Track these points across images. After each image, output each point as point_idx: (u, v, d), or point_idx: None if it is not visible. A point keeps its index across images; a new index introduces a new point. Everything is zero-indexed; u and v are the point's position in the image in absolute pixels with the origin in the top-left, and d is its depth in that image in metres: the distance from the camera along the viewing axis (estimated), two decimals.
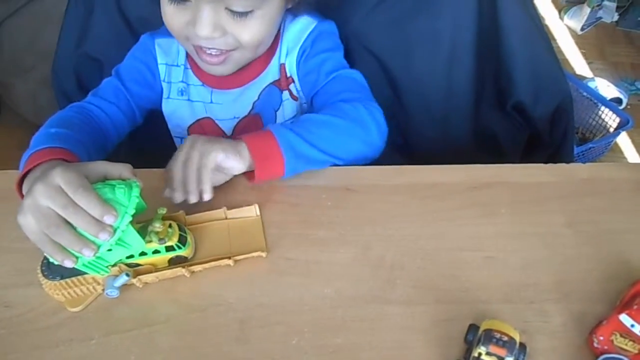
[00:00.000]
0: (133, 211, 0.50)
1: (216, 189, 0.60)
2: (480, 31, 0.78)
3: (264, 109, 0.76)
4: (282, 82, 0.76)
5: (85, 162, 0.55)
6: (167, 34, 0.72)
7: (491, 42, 0.77)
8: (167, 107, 0.78)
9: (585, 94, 1.93)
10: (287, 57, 0.75)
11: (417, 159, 0.69)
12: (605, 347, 0.47)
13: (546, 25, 2.48)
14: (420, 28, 0.78)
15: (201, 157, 0.58)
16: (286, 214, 0.61)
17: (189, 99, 0.77)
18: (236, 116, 0.78)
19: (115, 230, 0.49)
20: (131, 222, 0.50)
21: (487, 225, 0.60)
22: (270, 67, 0.75)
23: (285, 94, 0.76)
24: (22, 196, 0.56)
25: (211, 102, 0.77)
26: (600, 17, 2.48)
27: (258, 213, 0.61)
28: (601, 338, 0.48)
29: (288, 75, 0.75)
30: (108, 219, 0.48)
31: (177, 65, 0.76)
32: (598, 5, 2.43)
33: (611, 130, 1.85)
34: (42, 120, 1.97)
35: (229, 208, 0.60)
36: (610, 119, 1.85)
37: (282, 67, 0.75)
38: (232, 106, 0.77)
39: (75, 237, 0.48)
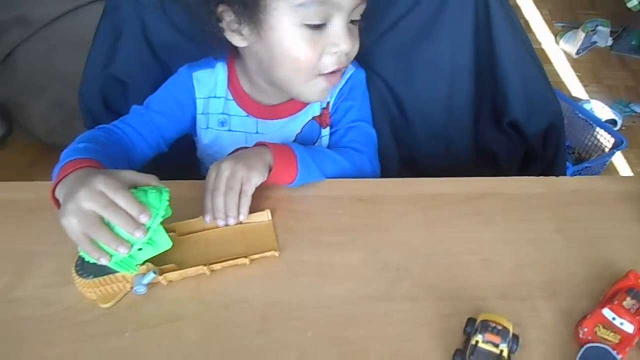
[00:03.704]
0: (164, 212, 0.56)
1: None
2: (477, 56, 0.84)
3: (304, 141, 0.81)
4: (323, 119, 0.82)
5: (116, 170, 0.61)
6: (205, 66, 0.78)
7: (487, 65, 0.84)
8: (206, 137, 0.83)
9: (581, 115, 1.98)
10: (331, 98, 0.81)
11: (422, 172, 0.75)
12: (590, 337, 0.52)
13: (542, 49, 2.55)
14: (422, 53, 0.85)
15: (243, 185, 0.64)
16: (299, 221, 0.67)
17: (229, 130, 0.82)
18: None
19: (148, 230, 0.55)
20: (161, 223, 0.56)
21: (483, 231, 0.65)
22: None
23: (326, 130, 0.82)
24: (56, 202, 0.62)
25: (257, 132, 0.81)
26: (595, 42, 2.55)
27: (270, 218, 0.66)
28: (586, 329, 0.53)
29: (331, 112, 0.82)
30: (143, 218, 0.54)
31: (217, 97, 0.81)
32: (592, 30, 2.50)
33: (606, 150, 1.90)
34: (54, 140, 2.03)
35: None
36: (605, 140, 1.90)
37: (327, 105, 0.82)
38: (277, 136, 0.81)
39: (113, 236, 0.54)
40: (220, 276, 0.61)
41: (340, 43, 0.68)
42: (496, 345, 0.49)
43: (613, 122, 2.08)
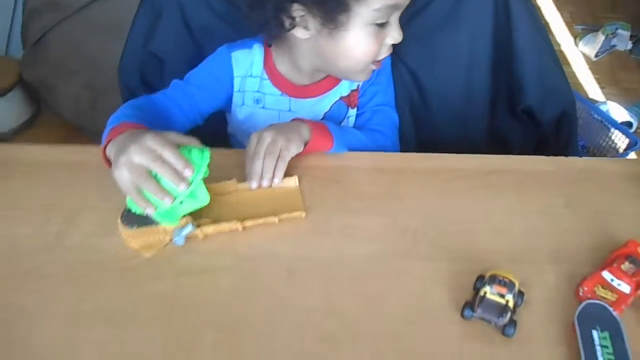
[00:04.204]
0: (205, 169, 0.61)
1: None
2: (495, 44, 0.89)
3: (331, 120, 0.87)
4: (351, 100, 0.87)
5: (163, 131, 0.66)
6: (243, 46, 0.84)
7: (505, 53, 0.88)
8: (241, 114, 0.88)
9: (596, 116, 2.01)
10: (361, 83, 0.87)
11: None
12: (589, 296, 0.57)
13: (562, 51, 2.57)
14: (444, 41, 0.89)
15: (281, 151, 0.70)
16: (325, 188, 0.73)
17: (264, 107, 0.87)
18: None
19: (190, 184, 0.60)
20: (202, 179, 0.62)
21: (495, 203, 0.70)
22: (341, 83, 0.86)
23: (353, 111, 0.88)
24: (107, 161, 0.67)
25: (289, 110, 0.87)
26: (615, 45, 2.56)
27: (297, 183, 0.72)
28: (586, 289, 0.58)
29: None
30: (187, 172, 0.60)
31: (253, 76, 0.86)
32: (612, 34, 2.51)
33: (620, 151, 1.93)
34: (81, 121, 2.09)
35: None
36: (620, 140, 1.93)
37: (352, 90, 0.87)
38: (307, 114, 0.85)
39: (159, 187, 0.60)
40: (251, 232, 0.67)
41: (396, 36, 0.76)
42: (502, 296, 0.55)
43: (629, 124, 2.10)
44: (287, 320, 0.58)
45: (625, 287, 0.57)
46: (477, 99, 0.93)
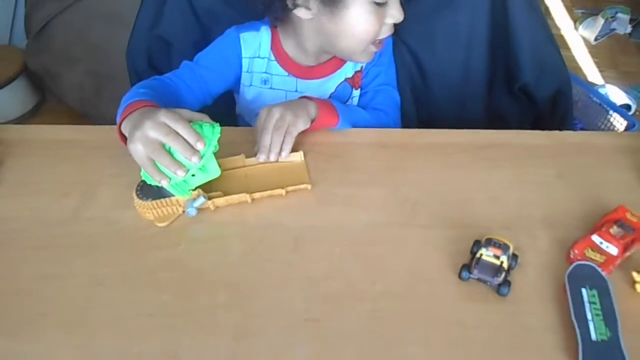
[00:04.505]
0: (215, 143, 0.65)
1: None
2: (493, 24, 0.91)
3: (336, 100, 0.89)
4: (355, 81, 0.90)
5: (175, 108, 0.69)
6: (250, 28, 0.86)
7: (502, 33, 0.91)
8: (249, 94, 0.91)
9: (595, 99, 2.03)
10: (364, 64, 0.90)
11: None
12: (579, 258, 0.61)
13: (562, 35, 2.59)
14: (443, 21, 0.92)
15: (289, 127, 0.73)
16: (329, 162, 0.76)
17: (271, 87, 0.90)
18: None
19: (202, 157, 0.64)
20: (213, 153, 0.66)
21: (491, 174, 0.74)
22: (346, 65, 0.89)
23: (357, 91, 0.91)
24: (122, 137, 0.71)
25: (296, 90, 0.90)
26: (614, 29, 2.57)
27: (302, 158, 0.75)
28: (576, 251, 0.61)
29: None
30: (199, 146, 0.63)
31: (261, 57, 0.88)
32: (612, 17, 2.53)
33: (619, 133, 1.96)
34: (86, 108, 2.12)
35: None
36: (618, 123, 1.95)
37: (356, 71, 0.90)
38: (313, 94, 0.86)
39: (172, 160, 0.63)
40: (259, 204, 0.70)
41: (397, 15, 0.78)
42: (497, 257, 0.58)
43: (627, 107, 2.12)
44: (293, 283, 0.62)
45: (613, 249, 0.60)
46: (476, 78, 0.96)
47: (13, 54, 2.04)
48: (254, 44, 0.88)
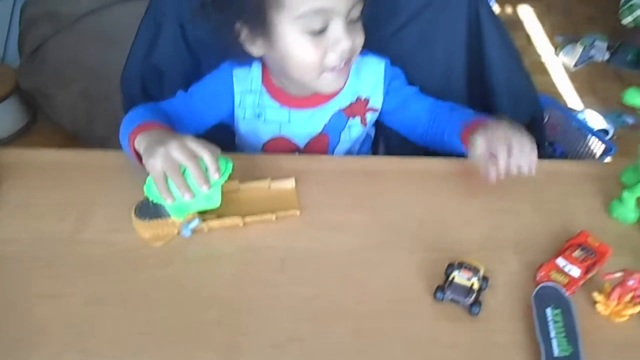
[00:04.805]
0: (226, 177, 0.69)
1: (263, 168, 0.82)
2: (469, 59, 0.97)
3: (330, 130, 0.93)
4: (354, 110, 0.92)
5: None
6: (243, 64, 0.89)
7: (478, 65, 0.97)
8: (243, 127, 0.94)
9: (575, 124, 2.10)
10: (372, 93, 0.92)
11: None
12: (545, 279, 0.66)
13: (542, 62, 2.68)
14: (421, 58, 0.97)
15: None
16: (317, 189, 0.80)
17: (265, 120, 0.92)
18: (309, 134, 0.93)
19: (212, 186, 0.68)
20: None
21: (466, 200, 0.79)
22: (341, 94, 0.90)
23: (356, 120, 0.93)
24: (136, 153, 0.74)
25: (289, 121, 0.92)
26: (593, 56, 2.66)
27: (294, 185, 0.80)
28: (542, 273, 0.66)
29: (369, 106, 0.93)
30: (216, 176, 0.67)
31: (253, 92, 0.91)
32: (590, 45, 2.62)
33: (597, 156, 2.02)
34: (78, 128, 2.14)
35: (273, 180, 0.80)
36: (597, 147, 2.02)
37: (359, 99, 0.92)
38: (307, 125, 0.92)
39: (184, 182, 0.67)
40: (250, 227, 0.74)
41: (340, 42, 0.76)
42: (468, 279, 0.63)
43: (605, 131, 2.19)
44: (280, 302, 0.66)
45: (575, 272, 0.65)
46: None
47: (5, 73, 2.07)
48: (246, 79, 0.91)
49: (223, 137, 0.96)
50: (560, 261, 0.66)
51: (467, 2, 0.94)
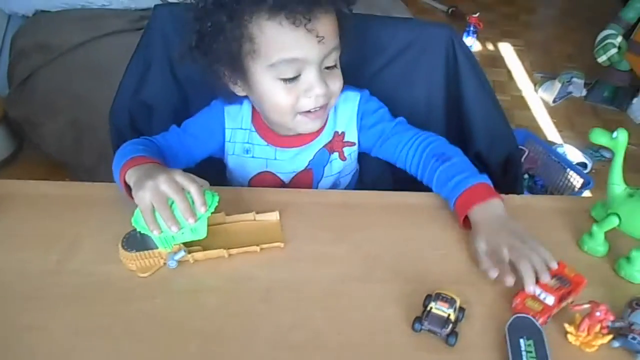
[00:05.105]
0: (213, 210, 0.72)
1: (249, 201, 0.84)
2: (447, 98, 1.02)
3: (315, 165, 0.97)
4: (333, 146, 0.96)
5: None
6: (235, 102, 0.92)
7: (455, 106, 1.01)
8: (231, 162, 0.98)
9: (554, 158, 2.16)
10: (347, 127, 0.95)
11: (405, 188, 0.91)
12: (520, 307, 0.68)
13: (522, 97, 2.76)
14: (402, 96, 1.02)
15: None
16: (300, 221, 0.83)
17: (253, 156, 0.96)
18: (294, 170, 0.97)
19: (198, 219, 0.70)
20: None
21: (444, 234, 0.82)
22: (323, 132, 0.94)
23: (335, 155, 0.97)
24: (126, 186, 0.77)
25: (275, 158, 0.95)
26: (570, 92, 2.75)
27: (278, 218, 0.82)
28: (518, 301, 0.69)
29: (345, 140, 0.96)
30: (202, 209, 0.70)
31: (242, 129, 0.95)
32: (568, 81, 2.71)
33: (576, 189, 2.08)
34: (65, 157, 2.16)
35: (258, 213, 0.82)
36: (575, 180, 2.07)
37: (336, 134, 0.95)
38: (292, 162, 0.95)
39: (171, 215, 0.70)
40: (235, 259, 0.76)
41: (313, 89, 0.80)
42: (445, 311, 0.65)
43: (584, 165, 2.26)
44: (262, 332, 0.67)
45: (549, 299, 0.68)
46: None
47: None
48: (237, 117, 0.95)
49: (214, 170, 1.00)
50: (536, 289, 0.69)
51: (445, 44, 0.99)
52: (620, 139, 0.74)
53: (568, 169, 2.10)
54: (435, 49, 1.00)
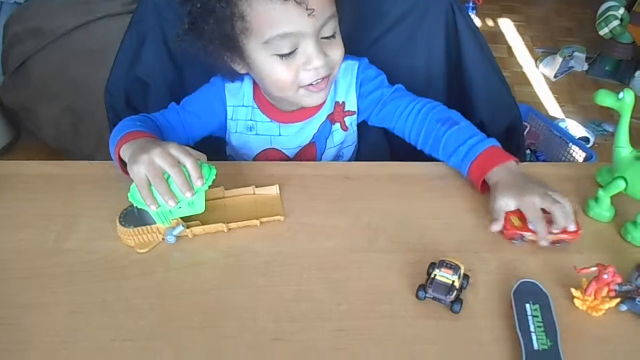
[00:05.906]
0: (210, 183, 0.70)
1: (248, 175, 0.83)
2: (448, 67, 1.00)
3: (318, 138, 0.95)
4: (335, 116, 0.94)
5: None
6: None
7: (456, 75, 0.99)
8: (235, 140, 0.96)
9: (556, 133, 2.15)
10: (347, 97, 0.93)
11: (402, 159, 0.90)
12: (507, 228, 0.72)
13: (524, 72, 2.73)
14: (401, 66, 0.99)
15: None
16: (299, 194, 0.82)
17: (256, 133, 0.95)
18: (300, 145, 0.96)
19: (195, 193, 0.69)
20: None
21: (445, 202, 0.81)
22: (326, 104, 0.93)
23: (336, 125, 0.95)
24: (120, 161, 0.75)
25: (279, 134, 0.94)
26: (572, 67, 2.72)
27: (278, 192, 0.81)
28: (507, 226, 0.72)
29: (346, 109, 0.94)
30: (199, 182, 0.68)
31: (244, 106, 0.93)
32: (570, 56, 2.68)
33: None
34: (62, 143, 2.15)
35: (257, 187, 0.81)
36: (578, 155, 2.06)
37: (337, 104, 0.94)
38: (296, 137, 0.94)
39: (168, 189, 0.68)
40: (235, 233, 0.75)
41: (311, 62, 0.78)
42: (449, 277, 0.64)
43: (586, 139, 2.24)
44: (263, 304, 0.66)
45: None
46: None
47: None
48: (239, 94, 0.93)
49: (213, 148, 0.98)
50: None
51: (445, 12, 0.97)
52: (627, 100, 0.72)
53: (570, 144, 2.08)
54: (434, 17, 0.98)
